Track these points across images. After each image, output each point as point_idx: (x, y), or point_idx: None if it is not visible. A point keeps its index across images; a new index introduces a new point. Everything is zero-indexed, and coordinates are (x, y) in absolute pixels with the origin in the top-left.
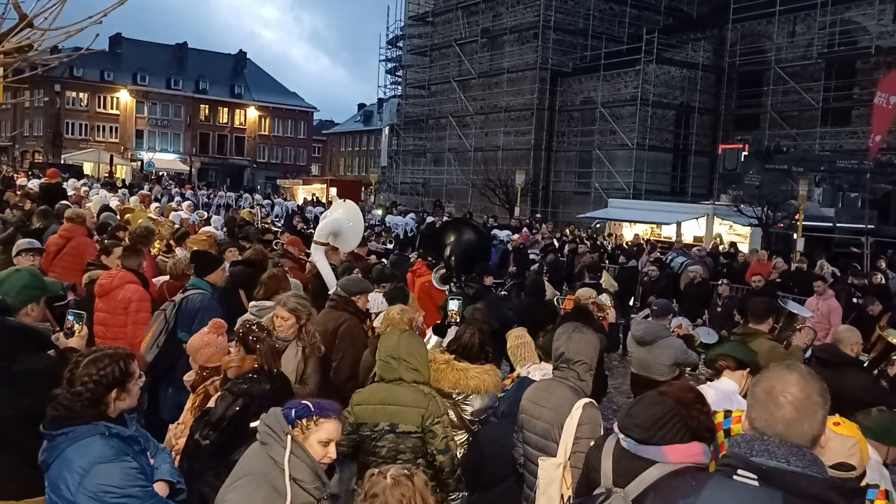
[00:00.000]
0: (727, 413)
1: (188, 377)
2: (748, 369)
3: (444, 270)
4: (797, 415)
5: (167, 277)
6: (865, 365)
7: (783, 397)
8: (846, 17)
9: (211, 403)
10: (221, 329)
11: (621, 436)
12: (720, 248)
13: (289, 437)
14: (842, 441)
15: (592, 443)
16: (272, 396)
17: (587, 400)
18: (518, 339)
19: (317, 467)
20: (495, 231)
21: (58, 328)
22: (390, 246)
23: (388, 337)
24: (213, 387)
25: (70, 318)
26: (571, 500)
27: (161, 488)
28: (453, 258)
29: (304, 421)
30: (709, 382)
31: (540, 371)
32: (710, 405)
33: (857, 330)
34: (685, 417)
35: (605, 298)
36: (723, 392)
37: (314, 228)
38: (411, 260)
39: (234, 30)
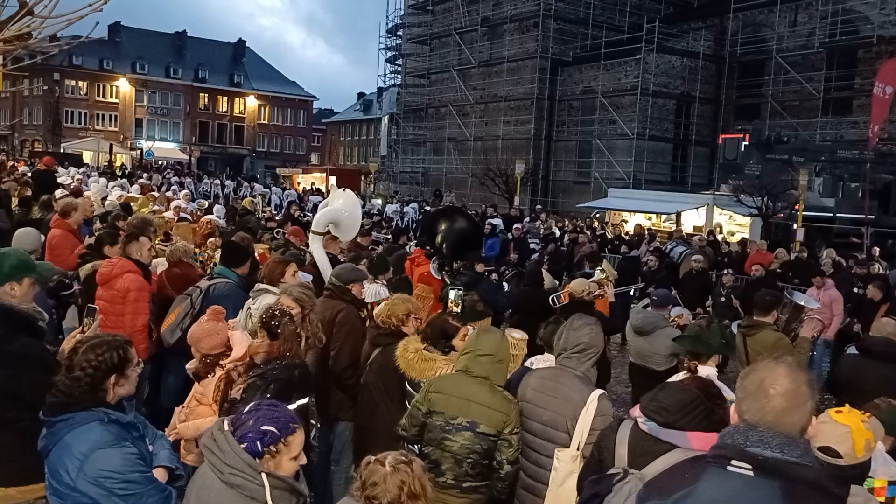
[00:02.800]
0: None
1: (191, 366)
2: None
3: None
4: (787, 405)
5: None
6: None
7: (773, 389)
8: (848, 7)
9: (235, 392)
10: (220, 315)
11: (642, 419)
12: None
13: (263, 475)
14: (832, 427)
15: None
16: (299, 384)
17: (601, 391)
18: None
19: (294, 485)
20: (491, 220)
21: (54, 315)
22: (390, 236)
23: (489, 333)
24: (237, 371)
25: (85, 314)
26: (580, 482)
27: (160, 474)
28: (445, 246)
29: (272, 447)
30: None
31: (544, 362)
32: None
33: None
34: (709, 407)
35: (598, 275)
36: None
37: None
38: (408, 249)
39: (230, 14)
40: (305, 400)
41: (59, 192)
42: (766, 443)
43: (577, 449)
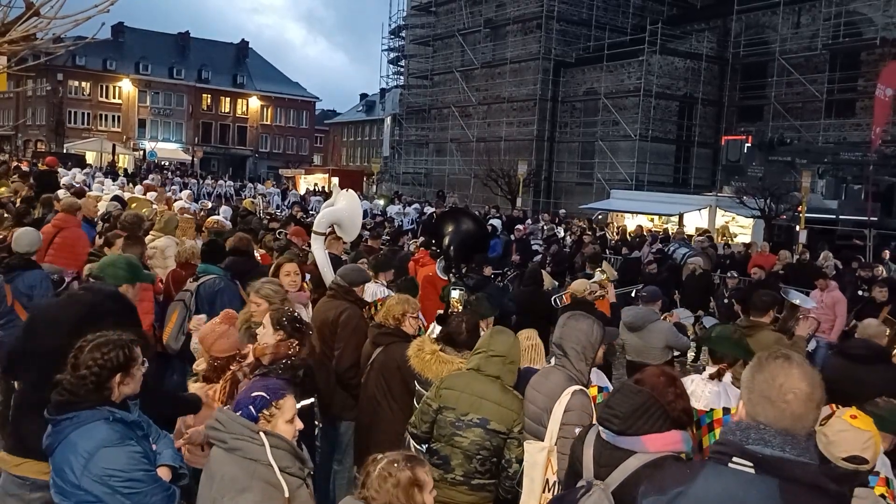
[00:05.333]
0: (726, 410)
1: (199, 368)
2: (741, 361)
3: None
4: (804, 409)
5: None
6: None
7: (792, 394)
8: (851, 8)
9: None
10: (233, 319)
11: (601, 428)
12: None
13: (262, 433)
14: (856, 434)
15: (580, 430)
16: (302, 384)
17: (578, 387)
18: (528, 339)
19: (295, 448)
20: (491, 221)
21: None
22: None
23: (503, 334)
24: (242, 373)
25: None
26: (557, 486)
27: (164, 473)
28: (452, 248)
29: (265, 411)
30: (704, 378)
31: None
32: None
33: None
34: (663, 406)
35: (598, 275)
36: (722, 386)
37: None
38: (409, 249)
39: (231, 11)
40: (310, 401)
41: (62, 193)
42: (766, 441)
43: (550, 442)
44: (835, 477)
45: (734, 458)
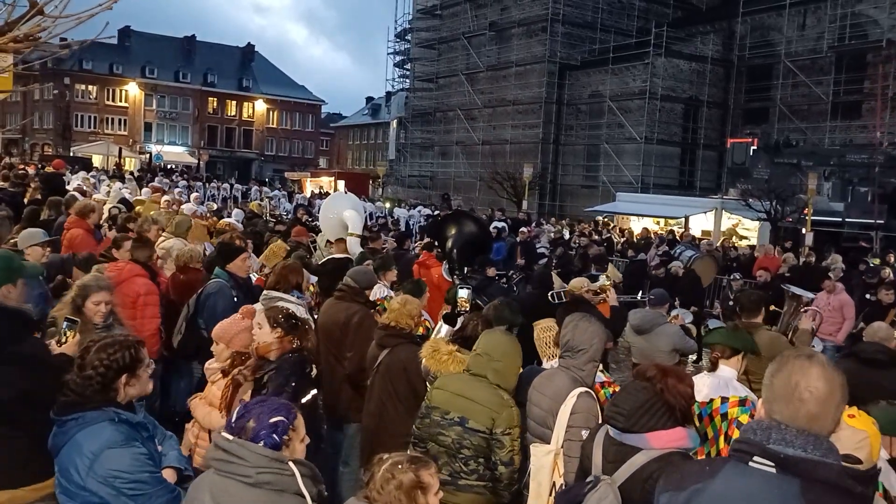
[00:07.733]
0: (723, 399)
1: (217, 365)
2: (741, 354)
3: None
4: (821, 409)
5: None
6: None
7: (808, 392)
8: (857, 10)
9: (241, 394)
10: (252, 314)
11: (608, 425)
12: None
13: (291, 464)
14: (852, 433)
15: (586, 432)
16: (311, 376)
17: (583, 389)
18: (547, 330)
19: (315, 470)
20: (494, 223)
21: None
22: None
23: (493, 334)
24: (243, 375)
25: (63, 325)
26: (564, 488)
27: (169, 475)
28: (455, 251)
29: (285, 436)
30: (705, 372)
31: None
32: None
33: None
34: (666, 402)
35: (601, 280)
36: (722, 379)
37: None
38: (414, 252)
39: (233, 10)
40: (313, 392)
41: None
42: (788, 441)
43: (557, 444)
44: (858, 477)
45: (755, 458)
